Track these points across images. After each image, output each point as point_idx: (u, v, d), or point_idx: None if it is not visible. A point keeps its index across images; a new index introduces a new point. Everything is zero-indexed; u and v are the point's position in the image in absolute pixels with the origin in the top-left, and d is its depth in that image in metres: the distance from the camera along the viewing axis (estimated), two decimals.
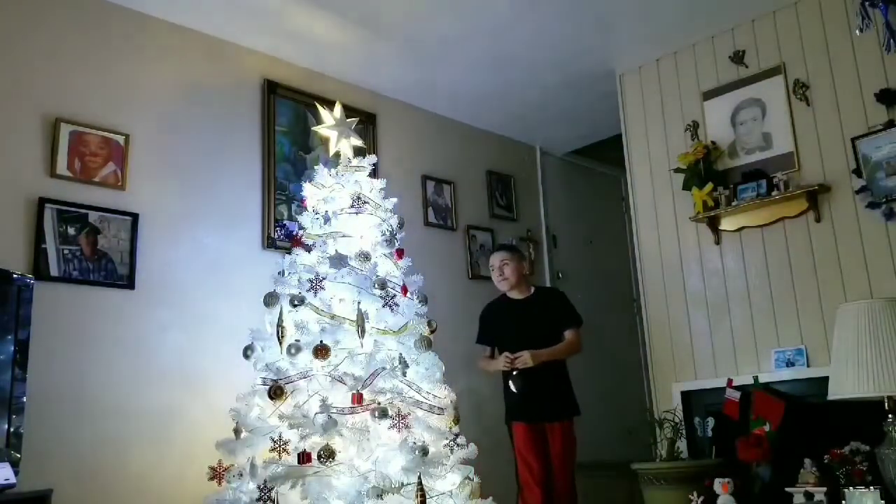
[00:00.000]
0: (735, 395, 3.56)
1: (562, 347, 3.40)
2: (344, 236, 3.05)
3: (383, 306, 2.91)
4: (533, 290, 3.60)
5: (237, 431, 2.84)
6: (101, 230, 3.13)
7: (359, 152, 3.35)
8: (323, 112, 3.37)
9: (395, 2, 3.55)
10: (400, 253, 3.17)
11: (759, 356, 3.71)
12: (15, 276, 2.56)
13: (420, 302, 3.10)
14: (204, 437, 2.98)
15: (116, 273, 3.15)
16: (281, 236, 3.73)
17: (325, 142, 3.45)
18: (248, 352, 2.96)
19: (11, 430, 2.43)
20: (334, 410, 2.64)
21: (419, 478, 2.58)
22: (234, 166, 3.67)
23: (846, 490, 2.83)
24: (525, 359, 3.25)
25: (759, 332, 3.74)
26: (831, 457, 3.03)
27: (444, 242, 4.58)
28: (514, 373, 3.27)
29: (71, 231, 3.05)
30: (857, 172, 3.46)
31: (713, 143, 3.98)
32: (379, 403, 2.70)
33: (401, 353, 2.88)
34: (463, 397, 3.38)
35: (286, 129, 3.92)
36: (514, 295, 3.55)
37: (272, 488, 2.52)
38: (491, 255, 3.68)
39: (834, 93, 3.63)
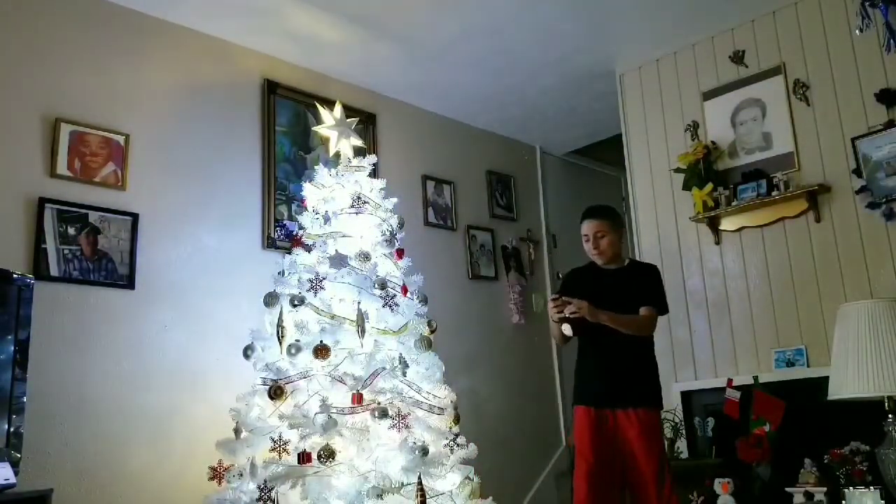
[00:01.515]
0: (735, 395, 3.56)
1: (629, 318, 2.89)
2: (344, 236, 3.04)
3: (383, 306, 2.91)
4: (627, 262, 3.13)
5: (237, 431, 2.84)
6: (102, 230, 3.13)
7: (359, 152, 3.35)
8: (323, 112, 3.37)
9: (395, 2, 3.55)
10: (400, 253, 3.17)
11: (759, 356, 3.71)
12: (15, 276, 2.55)
13: (420, 302, 3.10)
14: (204, 437, 2.98)
15: (116, 273, 3.15)
16: (281, 236, 3.73)
17: (325, 142, 3.44)
18: (248, 352, 2.96)
19: (11, 430, 2.42)
20: (334, 410, 2.64)
21: (419, 478, 2.58)
22: (234, 166, 3.67)
23: (846, 490, 2.84)
24: (579, 304, 2.80)
25: (759, 332, 3.74)
26: (831, 457, 3.04)
27: (444, 242, 4.57)
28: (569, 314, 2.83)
29: (71, 231, 3.05)
30: (857, 172, 3.46)
31: (713, 143, 3.98)
32: (379, 403, 2.70)
33: (401, 353, 2.88)
34: (463, 397, 3.38)
35: (286, 129, 3.92)
36: (605, 265, 3.08)
37: (272, 488, 2.52)
38: (583, 219, 3.08)
39: (834, 93, 3.63)
